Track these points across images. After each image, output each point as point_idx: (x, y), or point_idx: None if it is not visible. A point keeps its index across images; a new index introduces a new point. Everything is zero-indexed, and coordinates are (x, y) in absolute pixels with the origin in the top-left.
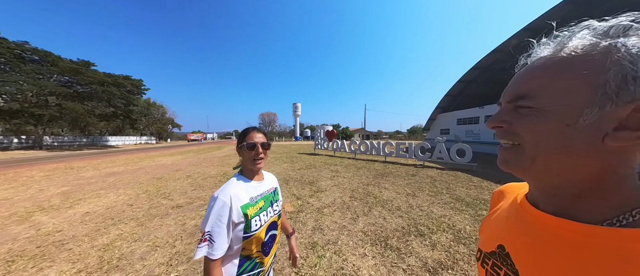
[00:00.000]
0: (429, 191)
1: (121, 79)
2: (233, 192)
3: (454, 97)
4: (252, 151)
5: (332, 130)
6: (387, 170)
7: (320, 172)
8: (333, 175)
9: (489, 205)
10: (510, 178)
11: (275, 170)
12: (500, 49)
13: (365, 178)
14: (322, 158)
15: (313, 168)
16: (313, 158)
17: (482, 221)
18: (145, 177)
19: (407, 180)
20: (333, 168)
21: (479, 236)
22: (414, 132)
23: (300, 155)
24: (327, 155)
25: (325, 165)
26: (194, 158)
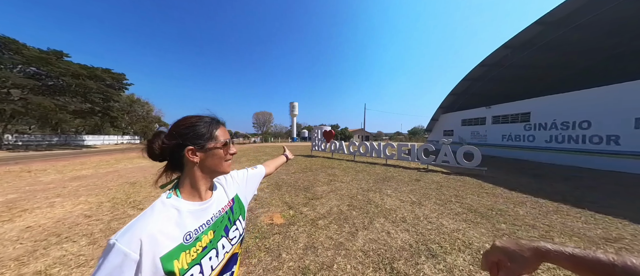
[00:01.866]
0: (436, 199)
1: (100, 72)
2: (149, 230)
3: (459, 95)
4: (223, 150)
5: (330, 130)
6: (389, 174)
7: (317, 176)
8: (330, 180)
9: (506, 216)
10: (524, 184)
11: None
12: (509, 45)
13: (365, 183)
14: (319, 160)
15: (309, 172)
16: (310, 161)
17: (501, 236)
18: (117, 182)
19: (410, 186)
20: (330, 172)
21: None
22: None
23: (296, 156)
24: (324, 157)
25: (322, 168)
26: None
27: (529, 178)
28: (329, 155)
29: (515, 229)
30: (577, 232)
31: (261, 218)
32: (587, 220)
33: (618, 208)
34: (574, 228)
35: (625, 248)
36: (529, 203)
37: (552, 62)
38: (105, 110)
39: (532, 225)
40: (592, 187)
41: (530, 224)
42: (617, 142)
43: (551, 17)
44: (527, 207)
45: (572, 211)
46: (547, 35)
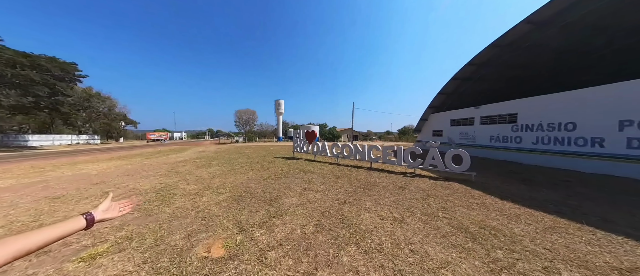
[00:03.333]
0: (421, 213)
1: (44, 61)
2: None
3: (448, 95)
4: None
5: (312, 131)
6: (372, 180)
7: (291, 183)
8: (304, 188)
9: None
10: (514, 192)
11: (236, 181)
12: (497, 44)
13: (343, 192)
14: (300, 163)
15: (283, 178)
16: (289, 164)
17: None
18: (35, 196)
19: (394, 196)
20: (308, 177)
21: None
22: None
23: (276, 159)
24: (306, 160)
25: (300, 172)
26: (137, 165)
27: (519, 183)
28: (311, 157)
29: (514, 259)
30: (583, 260)
31: (197, 249)
32: (590, 241)
33: (615, 222)
34: (579, 254)
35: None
36: (524, 216)
37: (540, 62)
38: (54, 106)
39: (532, 252)
40: (582, 194)
41: (530, 249)
42: (601, 144)
43: (539, 16)
44: (522, 222)
45: (572, 228)
46: (535, 35)
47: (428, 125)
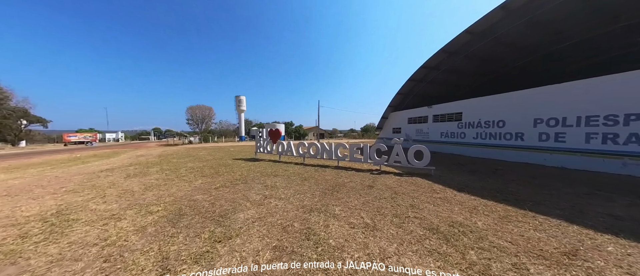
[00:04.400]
0: (392, 215)
1: None
2: None
3: (405, 95)
4: None
5: (276, 129)
6: (340, 181)
7: (249, 191)
8: (265, 196)
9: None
10: (467, 183)
11: (178, 193)
12: (445, 49)
13: (310, 196)
14: (263, 165)
15: (241, 184)
16: (249, 167)
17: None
18: None
19: (364, 197)
20: (270, 182)
21: None
22: (367, 130)
23: (235, 161)
24: (270, 161)
25: (262, 176)
26: (32, 178)
27: (468, 174)
28: (275, 157)
29: (487, 259)
30: (539, 249)
31: None
32: (536, 227)
33: (544, 204)
34: (534, 243)
35: (591, 268)
36: (481, 208)
37: (478, 68)
38: None
39: (499, 247)
40: (514, 181)
41: (496, 245)
42: (522, 138)
43: (476, 28)
44: (481, 214)
45: (520, 216)
46: (474, 44)
47: (388, 123)
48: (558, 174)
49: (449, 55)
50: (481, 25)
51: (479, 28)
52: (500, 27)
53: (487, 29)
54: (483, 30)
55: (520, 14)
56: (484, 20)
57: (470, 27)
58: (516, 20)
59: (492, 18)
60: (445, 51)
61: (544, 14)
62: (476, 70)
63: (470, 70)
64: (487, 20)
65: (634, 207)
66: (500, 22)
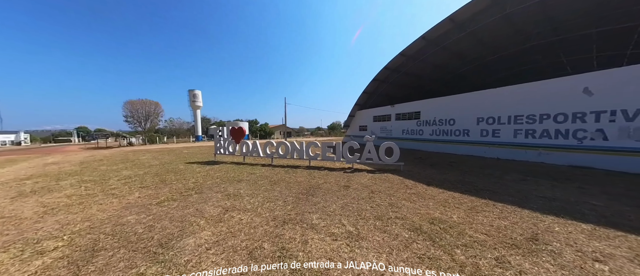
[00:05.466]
0: (374, 217)
1: None
2: None
3: (370, 94)
4: None
5: (239, 127)
6: (314, 182)
7: (204, 204)
8: (225, 209)
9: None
10: (432, 176)
11: (100, 214)
12: (403, 53)
13: (282, 205)
14: (223, 168)
15: (195, 195)
16: (206, 172)
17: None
18: None
19: (341, 199)
20: (233, 189)
21: None
22: (333, 128)
23: (188, 166)
24: (232, 163)
25: (222, 182)
26: None
27: (430, 168)
28: (239, 159)
29: (472, 257)
30: (510, 237)
31: None
32: (500, 215)
33: (498, 192)
34: (504, 233)
35: (553, 251)
36: (451, 201)
37: (433, 72)
38: None
39: (478, 241)
40: (468, 172)
41: (476, 239)
42: (468, 134)
43: (430, 34)
44: (453, 207)
45: (484, 206)
46: (428, 50)
47: (355, 121)
48: (496, 164)
49: (407, 58)
50: (434, 32)
51: (432, 35)
52: (448, 37)
53: (438, 37)
54: (435, 37)
55: (463, 26)
56: (435, 29)
57: (425, 34)
58: (460, 32)
59: (442, 27)
60: (403, 55)
61: (480, 29)
62: (431, 74)
63: (426, 74)
64: (438, 29)
65: (555, 188)
66: (448, 33)
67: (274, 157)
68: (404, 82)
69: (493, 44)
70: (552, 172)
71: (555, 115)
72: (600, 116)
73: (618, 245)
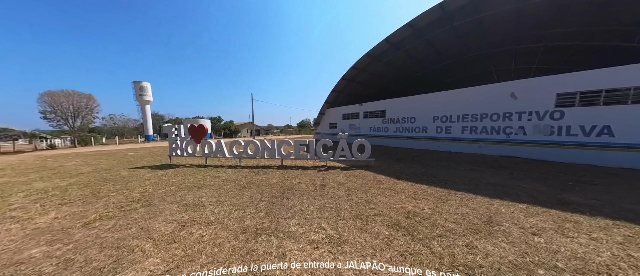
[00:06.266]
0: (353, 217)
1: None
2: None
3: (339, 92)
4: None
5: (200, 125)
6: (289, 183)
7: (153, 219)
8: (183, 223)
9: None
10: (400, 170)
11: None
12: (370, 54)
13: (254, 211)
14: (181, 173)
15: (140, 209)
16: (159, 178)
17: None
18: None
19: (318, 200)
20: (193, 197)
21: None
22: (303, 125)
23: (134, 171)
24: (192, 166)
25: (180, 190)
26: None
27: (397, 162)
28: (201, 161)
29: (448, 247)
30: (472, 223)
31: None
32: (461, 203)
33: (455, 182)
34: (468, 219)
35: (504, 231)
36: (420, 193)
37: (395, 74)
38: None
39: (450, 230)
40: (429, 165)
41: (448, 229)
42: (426, 131)
43: (393, 38)
44: (423, 199)
45: (447, 195)
46: (390, 53)
47: (325, 118)
48: (449, 157)
49: (373, 59)
50: (396, 36)
51: (394, 39)
52: (408, 42)
53: (399, 42)
54: (397, 41)
55: (421, 33)
56: (397, 33)
57: (388, 37)
58: (418, 38)
59: (402, 32)
60: (369, 56)
61: (434, 37)
62: (394, 76)
63: (390, 75)
64: (399, 34)
65: (497, 175)
66: (408, 38)
67: (242, 157)
68: (370, 82)
69: (444, 52)
70: (489, 162)
71: (491, 114)
72: (522, 115)
73: (546, 220)
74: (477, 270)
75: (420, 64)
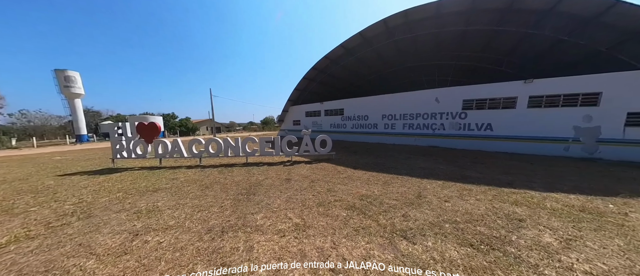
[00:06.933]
0: (316, 204)
1: None
2: None
3: (302, 91)
4: None
5: (151, 123)
6: (255, 180)
7: (96, 232)
8: (134, 233)
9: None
10: (356, 161)
11: None
12: (328, 57)
13: (219, 211)
14: (129, 177)
15: (76, 222)
16: (99, 184)
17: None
18: None
19: (285, 193)
20: (146, 203)
21: None
22: (267, 122)
23: (64, 179)
24: (143, 169)
25: (128, 196)
26: None
27: (354, 155)
28: (154, 162)
29: (389, 218)
30: (407, 198)
31: None
32: (401, 184)
33: (398, 168)
34: (405, 196)
35: (428, 201)
36: (371, 179)
37: (351, 76)
38: None
39: (391, 206)
40: (379, 155)
41: (391, 204)
42: (376, 127)
43: (348, 44)
44: (373, 183)
45: (392, 179)
46: (345, 58)
47: (289, 115)
48: (394, 148)
49: (331, 62)
50: (350, 43)
51: (349, 45)
52: (359, 50)
53: (353, 48)
54: (351, 48)
55: (370, 42)
56: (351, 40)
57: (344, 43)
58: (368, 47)
59: (355, 40)
60: (327, 58)
61: (381, 47)
62: (350, 78)
63: (347, 77)
64: (353, 41)
65: (426, 161)
66: (359, 46)
67: (203, 156)
68: (330, 82)
69: (389, 60)
70: (421, 151)
71: (423, 114)
72: (442, 115)
73: (453, 190)
74: (408, 231)
75: (370, 69)
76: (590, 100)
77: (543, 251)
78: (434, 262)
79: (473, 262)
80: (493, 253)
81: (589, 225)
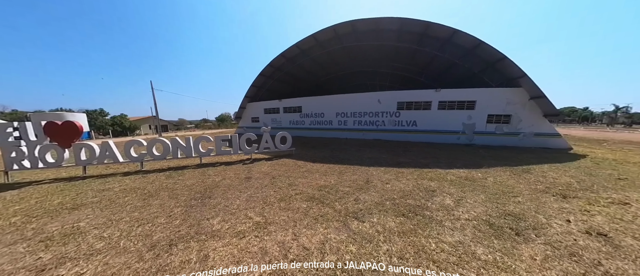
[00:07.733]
0: (278, 200)
1: None
2: None
3: (259, 88)
4: None
5: (67, 122)
6: (211, 181)
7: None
8: (42, 265)
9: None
10: (315, 155)
11: None
12: (284, 55)
13: (166, 221)
14: (33, 195)
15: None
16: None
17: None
18: None
19: (245, 192)
20: (62, 224)
21: None
22: (223, 120)
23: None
24: (58, 181)
25: (30, 220)
26: None
27: (312, 149)
28: (75, 171)
29: (344, 204)
30: (358, 184)
31: None
32: (354, 172)
33: (351, 160)
34: (357, 183)
35: (374, 185)
36: (329, 171)
37: (307, 75)
38: None
39: (345, 192)
40: (336, 149)
41: (345, 191)
42: (332, 123)
43: (302, 45)
44: (330, 175)
45: (346, 170)
46: (300, 58)
47: (247, 112)
48: (347, 142)
49: (287, 60)
50: (304, 44)
51: (304, 46)
52: (313, 51)
53: (307, 49)
54: (305, 49)
55: (323, 45)
56: (304, 41)
57: (298, 43)
58: (321, 49)
59: (308, 42)
60: (283, 56)
61: (334, 51)
62: (306, 77)
63: (303, 76)
64: (306, 43)
65: (373, 152)
66: (313, 48)
67: (145, 160)
68: (287, 80)
69: (340, 63)
70: (368, 143)
71: (369, 112)
72: (383, 114)
73: (392, 174)
74: (359, 212)
75: (324, 70)
76: (470, 106)
77: (445, 210)
78: (377, 233)
79: (404, 227)
80: (416, 218)
81: (469, 188)
